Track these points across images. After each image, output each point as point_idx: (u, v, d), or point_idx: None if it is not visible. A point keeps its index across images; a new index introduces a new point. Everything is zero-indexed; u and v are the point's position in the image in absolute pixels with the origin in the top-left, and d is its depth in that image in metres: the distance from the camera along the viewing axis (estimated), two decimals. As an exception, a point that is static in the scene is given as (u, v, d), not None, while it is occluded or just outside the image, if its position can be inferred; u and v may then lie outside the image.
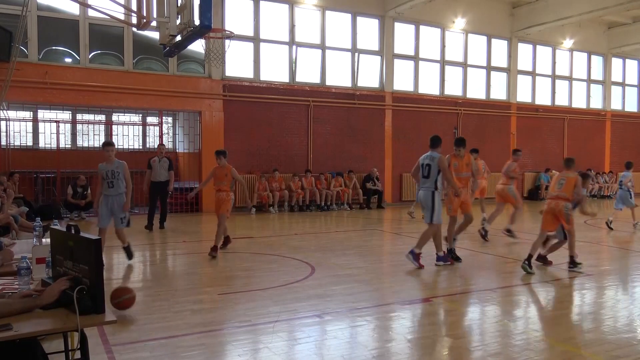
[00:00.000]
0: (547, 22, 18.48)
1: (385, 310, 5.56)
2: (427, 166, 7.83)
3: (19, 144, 14.94)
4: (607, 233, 11.61)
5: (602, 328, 5.04)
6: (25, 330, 2.43)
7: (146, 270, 8.06)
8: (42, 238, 4.19)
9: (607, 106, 22.66)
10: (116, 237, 7.68)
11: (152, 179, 11.43)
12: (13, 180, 12.28)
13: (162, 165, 11.47)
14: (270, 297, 5.94)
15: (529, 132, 20.35)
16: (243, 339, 4.64)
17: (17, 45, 11.47)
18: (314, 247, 9.47)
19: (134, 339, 4.56)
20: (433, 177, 7.74)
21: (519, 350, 4.35)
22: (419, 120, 18.07)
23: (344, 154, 16.85)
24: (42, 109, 15.48)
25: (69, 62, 13.78)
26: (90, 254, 2.64)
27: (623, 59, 23.10)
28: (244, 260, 8.27)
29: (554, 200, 7.44)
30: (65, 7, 13.71)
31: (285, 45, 15.96)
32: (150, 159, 11.61)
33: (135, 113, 16.21)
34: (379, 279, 7.12)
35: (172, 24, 7.68)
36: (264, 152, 15.68)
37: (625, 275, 7.53)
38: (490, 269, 7.79)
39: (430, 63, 18.38)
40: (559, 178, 7.64)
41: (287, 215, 14.75)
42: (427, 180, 7.79)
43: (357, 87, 17.06)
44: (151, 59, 14.50)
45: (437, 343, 4.62)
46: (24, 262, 2.97)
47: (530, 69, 20.64)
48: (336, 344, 4.51)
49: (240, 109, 15.23)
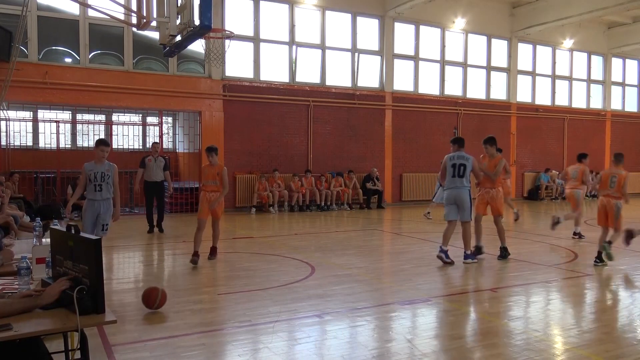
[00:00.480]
0: (547, 22, 18.48)
1: (385, 310, 5.56)
2: (462, 166, 7.95)
3: (19, 144, 14.94)
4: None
5: (602, 328, 5.04)
6: (25, 330, 2.43)
7: (146, 270, 8.06)
8: (42, 238, 4.19)
9: (607, 106, 22.66)
10: (115, 237, 7.67)
11: (147, 178, 10.98)
12: (13, 180, 12.29)
13: (158, 164, 11.03)
14: (270, 297, 5.93)
15: (529, 132, 20.35)
16: (243, 339, 4.64)
17: (17, 45, 11.47)
18: (314, 247, 9.47)
19: (134, 339, 4.56)
20: (467, 176, 7.99)
21: (519, 350, 4.35)
22: (419, 120, 18.09)
23: (344, 154, 16.85)
24: (42, 109, 15.47)
25: (69, 62, 13.78)
26: (90, 254, 2.64)
27: (623, 59, 23.10)
28: (244, 260, 8.26)
29: (606, 198, 7.86)
30: (65, 7, 13.71)
31: (285, 45, 15.96)
32: (145, 157, 11.16)
33: (135, 113, 16.20)
34: (379, 279, 7.12)
35: (172, 24, 7.68)
36: (264, 152, 15.68)
37: (625, 275, 7.52)
38: (490, 269, 7.79)
39: (430, 63, 18.39)
40: (610, 176, 7.88)
41: (287, 215, 14.75)
42: (462, 179, 7.96)
43: (357, 87, 17.06)
44: (151, 59, 14.50)
45: (437, 343, 4.62)
46: (24, 262, 2.97)
47: (530, 69, 20.64)
48: (336, 344, 4.51)
49: (240, 109, 15.23)
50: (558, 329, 5.09)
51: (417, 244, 9.90)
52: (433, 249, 9.26)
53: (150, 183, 11.03)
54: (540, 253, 9.18)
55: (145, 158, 11.11)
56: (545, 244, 9.97)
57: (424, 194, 18.12)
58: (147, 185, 11.08)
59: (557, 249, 9.41)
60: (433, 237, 10.74)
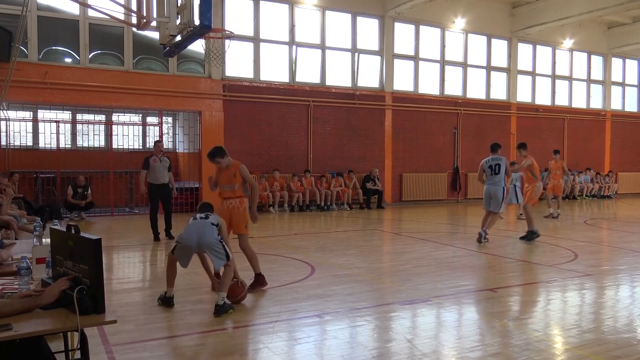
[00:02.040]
0: (547, 22, 18.48)
1: (385, 310, 5.56)
2: (497, 165, 9.66)
3: (19, 144, 14.93)
4: (604, 232, 11.61)
5: (602, 328, 5.04)
6: (25, 330, 2.43)
7: (146, 270, 8.06)
8: (42, 238, 4.19)
9: (607, 106, 22.66)
10: (115, 237, 7.67)
11: (153, 181, 9.92)
12: (13, 180, 12.28)
13: (164, 165, 9.98)
14: (270, 297, 5.93)
15: (529, 132, 20.34)
16: (243, 339, 4.64)
17: (17, 45, 11.46)
18: (314, 247, 9.47)
19: (134, 339, 4.56)
20: (502, 174, 9.59)
21: (519, 350, 4.35)
22: (419, 120, 18.09)
23: (344, 154, 16.86)
24: (42, 109, 15.47)
25: (69, 62, 13.78)
26: (90, 254, 2.64)
27: (623, 59, 23.10)
28: (244, 260, 8.25)
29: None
30: (65, 7, 13.71)
31: (285, 45, 15.96)
32: (149, 157, 10.03)
33: (135, 113, 16.20)
34: (379, 279, 7.12)
35: (172, 24, 7.68)
36: (264, 152, 15.68)
37: (625, 275, 7.52)
38: (490, 269, 7.79)
39: (430, 63, 18.39)
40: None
41: (287, 215, 14.75)
42: (497, 176, 9.59)
43: (357, 87, 17.06)
44: (151, 59, 14.50)
45: (437, 343, 4.62)
46: (24, 262, 2.97)
47: (530, 69, 20.64)
48: (336, 344, 4.51)
49: (240, 109, 15.23)
50: (558, 329, 5.09)
51: (417, 244, 9.90)
52: (433, 249, 9.27)
53: (156, 186, 9.94)
54: (540, 253, 9.18)
55: (149, 158, 10.01)
56: (545, 244, 9.96)
57: (424, 194, 18.14)
58: (153, 188, 9.97)
59: (557, 249, 9.41)
60: (433, 237, 10.75)
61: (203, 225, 5.48)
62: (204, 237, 5.38)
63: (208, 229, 5.44)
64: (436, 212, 16.01)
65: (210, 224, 5.50)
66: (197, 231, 5.44)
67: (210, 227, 5.46)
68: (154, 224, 9.95)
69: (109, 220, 13.44)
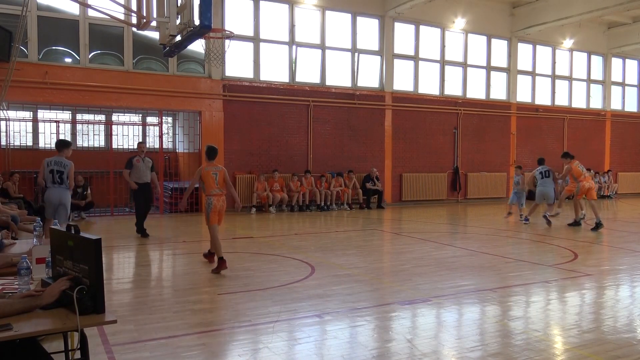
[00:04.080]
0: (547, 22, 18.47)
1: (385, 310, 5.56)
2: (548, 171, 12.77)
3: (19, 144, 14.94)
4: (604, 232, 11.61)
5: (602, 328, 5.04)
6: (25, 330, 2.43)
7: (146, 270, 8.06)
8: (42, 238, 4.19)
9: (607, 106, 22.66)
10: (115, 237, 7.67)
11: (137, 180, 10.50)
12: (13, 180, 12.28)
13: (146, 165, 10.60)
14: (270, 297, 5.94)
15: (529, 132, 20.35)
16: (243, 339, 4.64)
17: (17, 45, 11.46)
18: (314, 247, 9.47)
19: (134, 339, 4.56)
20: (552, 177, 12.73)
21: (519, 350, 4.35)
22: (419, 120, 18.09)
23: (344, 154, 16.85)
24: (42, 109, 15.47)
25: (69, 62, 13.78)
26: (90, 254, 2.63)
27: (623, 59, 23.10)
28: (244, 260, 8.26)
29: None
30: (65, 7, 13.70)
31: (285, 45, 15.96)
32: (132, 158, 10.60)
33: (135, 113, 16.20)
34: (379, 279, 7.12)
35: (172, 24, 7.67)
36: (264, 152, 15.68)
37: (625, 275, 7.52)
38: (490, 269, 7.79)
39: (430, 63, 18.38)
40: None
41: (287, 215, 14.75)
42: (548, 179, 12.72)
43: (357, 87, 17.06)
44: (151, 59, 14.50)
45: (437, 343, 4.62)
46: (24, 262, 2.97)
47: (530, 69, 20.63)
48: (336, 344, 4.51)
49: (240, 109, 15.23)
50: (558, 329, 5.09)
51: (417, 244, 9.90)
52: (433, 249, 9.28)
53: (141, 184, 10.60)
54: (540, 253, 9.18)
55: (132, 159, 10.60)
56: (545, 244, 9.97)
57: (424, 194, 18.14)
58: (138, 187, 10.61)
59: (557, 249, 9.41)
60: (433, 237, 10.76)
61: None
62: None
63: None
64: (436, 212, 16.01)
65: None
66: None
67: None
68: (140, 221, 10.59)
69: (109, 220, 13.44)
